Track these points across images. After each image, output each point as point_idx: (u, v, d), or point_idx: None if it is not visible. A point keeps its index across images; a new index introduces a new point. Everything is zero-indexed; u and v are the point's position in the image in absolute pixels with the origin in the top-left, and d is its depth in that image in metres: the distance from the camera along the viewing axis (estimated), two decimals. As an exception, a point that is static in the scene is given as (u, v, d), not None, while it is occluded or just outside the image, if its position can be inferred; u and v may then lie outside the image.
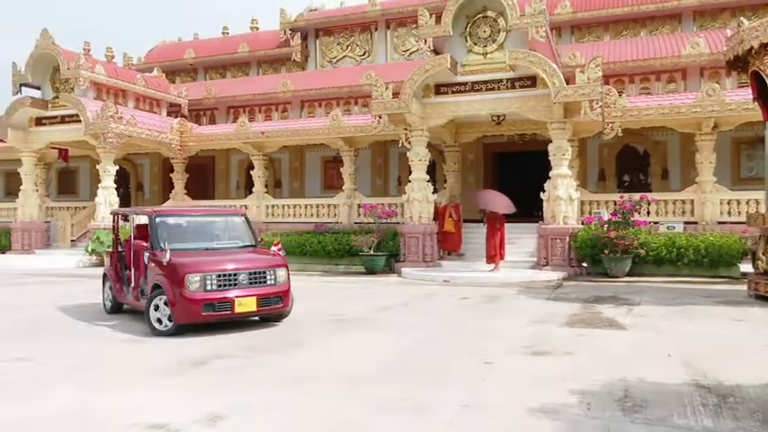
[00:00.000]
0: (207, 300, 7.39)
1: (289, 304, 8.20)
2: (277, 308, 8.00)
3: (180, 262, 7.58)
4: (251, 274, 7.74)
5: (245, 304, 7.58)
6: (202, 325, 7.69)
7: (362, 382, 5.38)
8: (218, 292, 7.49)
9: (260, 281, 7.80)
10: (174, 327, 7.46)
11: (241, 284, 7.63)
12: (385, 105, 15.42)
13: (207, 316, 7.44)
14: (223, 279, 7.54)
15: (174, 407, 4.66)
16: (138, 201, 26.06)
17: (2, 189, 28.21)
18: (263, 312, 7.91)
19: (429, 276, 14.21)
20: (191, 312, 7.37)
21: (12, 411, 4.58)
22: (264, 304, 7.77)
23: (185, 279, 7.37)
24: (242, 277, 7.65)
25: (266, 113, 24.07)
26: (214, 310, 7.44)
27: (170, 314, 7.46)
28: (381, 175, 22.57)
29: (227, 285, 7.56)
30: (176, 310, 7.39)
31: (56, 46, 19.70)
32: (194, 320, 7.46)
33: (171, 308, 7.43)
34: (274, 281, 7.92)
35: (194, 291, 7.37)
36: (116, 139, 18.83)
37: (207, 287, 7.44)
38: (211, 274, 7.49)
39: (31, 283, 13.94)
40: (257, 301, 7.66)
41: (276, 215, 19.72)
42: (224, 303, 7.47)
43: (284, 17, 25.90)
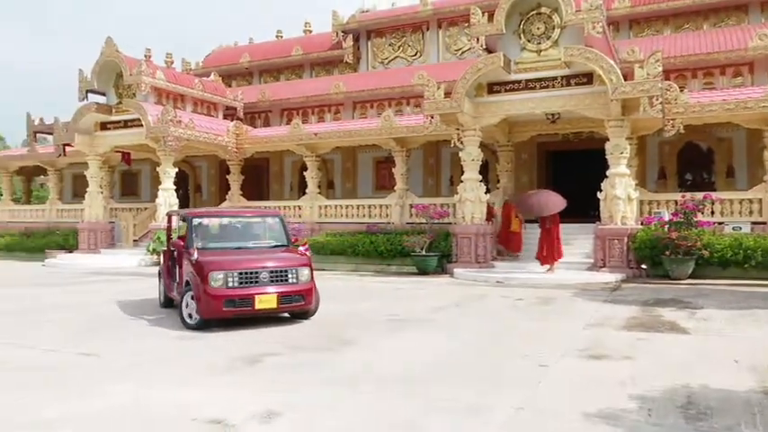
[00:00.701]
0: (228, 296, 7.71)
1: (312, 302, 8.41)
2: (299, 305, 8.22)
3: (205, 260, 7.99)
4: (272, 272, 7.99)
5: (266, 301, 7.83)
6: (240, 321, 7.99)
7: (416, 382, 5.36)
8: (240, 289, 7.78)
9: (281, 279, 8.04)
10: (200, 321, 7.82)
11: (262, 282, 7.89)
12: (437, 105, 15.36)
13: (228, 311, 7.75)
14: (244, 276, 7.83)
15: (230, 403, 4.76)
16: (197, 202, 26.81)
17: (70, 191, 29.53)
18: (283, 310, 8.17)
19: (482, 277, 14.06)
20: (213, 308, 7.71)
21: (78, 405, 4.78)
22: (285, 302, 8.01)
23: (209, 276, 7.74)
24: (263, 275, 7.92)
25: (319, 115, 24.37)
26: (235, 306, 7.74)
27: (196, 309, 7.83)
28: (433, 175, 22.47)
29: (249, 283, 7.84)
30: (200, 305, 7.77)
31: (119, 53, 20.49)
32: (216, 315, 7.78)
33: (196, 303, 7.81)
34: (296, 279, 8.14)
35: (217, 287, 7.71)
36: (175, 142, 19.43)
37: (229, 284, 7.75)
38: (233, 272, 7.80)
39: (96, 282, 14.55)
40: (278, 298, 7.90)
41: (329, 215, 19.92)
42: (245, 300, 7.76)
43: (336, 19, 26.16)
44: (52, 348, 6.84)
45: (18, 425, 4.26)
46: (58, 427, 4.21)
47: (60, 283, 14.24)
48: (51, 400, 4.89)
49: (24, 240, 23.35)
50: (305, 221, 19.73)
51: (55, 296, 11.78)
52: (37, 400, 4.89)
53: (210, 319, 7.83)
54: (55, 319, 8.91)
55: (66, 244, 22.30)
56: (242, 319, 8.16)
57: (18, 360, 6.28)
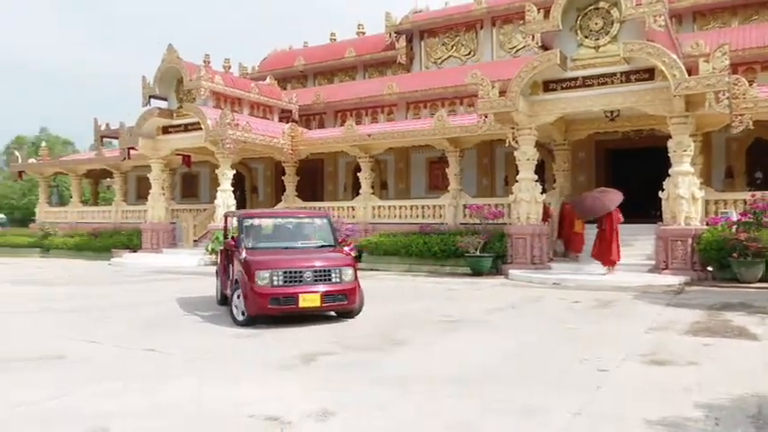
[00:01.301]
0: (273, 294, 7.95)
1: (356, 302, 8.53)
2: (341, 305, 8.39)
3: (253, 259, 8.28)
4: (316, 271, 8.20)
5: (309, 300, 8.03)
6: (289, 319, 8.15)
7: (471, 383, 5.29)
8: (285, 287, 8.02)
9: (325, 278, 8.23)
10: (248, 318, 8.09)
11: (306, 281, 8.11)
12: (491, 104, 15.17)
13: (273, 309, 7.99)
14: (289, 275, 8.07)
15: (285, 401, 4.82)
16: (253, 203, 27.39)
17: (134, 193, 30.69)
18: (327, 308, 8.37)
19: (538, 278, 13.80)
20: (259, 305, 7.96)
21: (139, 399, 4.94)
22: (329, 300, 8.19)
23: (255, 275, 8.01)
24: (307, 274, 8.13)
25: (372, 116, 24.48)
26: (280, 303, 7.98)
27: (244, 306, 8.10)
28: (487, 175, 22.22)
29: (293, 281, 8.07)
30: (248, 303, 8.04)
31: (180, 60, 21.15)
32: (262, 312, 8.03)
33: (244, 300, 8.10)
34: (340, 279, 8.30)
35: (263, 285, 7.98)
36: (233, 144, 19.90)
37: (274, 282, 8.00)
38: (278, 271, 8.04)
39: (158, 280, 15.05)
40: (321, 297, 8.09)
41: (382, 216, 19.97)
42: (289, 298, 7.98)
43: (389, 21, 26.23)
44: (117, 344, 7.11)
45: (83, 416, 4.44)
46: (119, 420, 4.35)
47: (125, 282, 14.80)
48: (115, 393, 5.07)
49: (92, 240, 24.40)
50: (358, 222, 19.84)
51: (120, 294, 12.26)
52: (101, 393, 5.08)
53: (257, 316, 8.07)
54: (120, 316, 9.26)
55: (131, 244, 23.17)
56: (291, 317, 8.29)
57: (86, 355, 6.55)
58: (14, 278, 15.91)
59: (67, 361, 6.25)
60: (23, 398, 4.90)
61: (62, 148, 56.18)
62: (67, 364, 6.11)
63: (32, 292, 12.82)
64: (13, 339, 7.43)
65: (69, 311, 9.77)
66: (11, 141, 64.56)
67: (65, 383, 5.35)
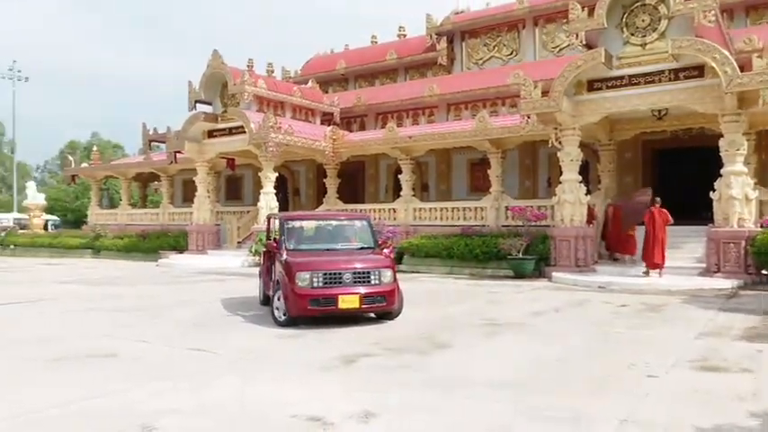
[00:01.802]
0: (313, 295, 8.06)
1: (395, 304, 8.55)
2: (380, 306, 8.42)
3: (293, 261, 8.42)
4: (355, 273, 8.26)
5: (348, 301, 8.09)
6: (330, 320, 8.19)
7: (514, 388, 5.22)
8: (324, 288, 8.12)
9: (364, 280, 8.27)
10: (288, 319, 8.20)
11: (345, 283, 8.16)
12: (534, 105, 14.97)
13: (313, 310, 8.10)
14: (329, 277, 8.16)
15: (327, 401, 4.84)
16: (295, 205, 27.69)
17: (180, 196, 31.43)
18: (365, 310, 8.39)
19: (582, 281, 13.53)
20: (299, 306, 8.08)
21: (189, 398, 5.04)
22: (368, 302, 8.23)
23: (295, 276, 8.13)
24: (346, 276, 8.19)
25: (413, 118, 24.45)
26: (319, 305, 8.07)
27: (284, 307, 8.20)
28: (530, 176, 21.91)
29: (333, 283, 8.15)
30: (288, 304, 8.16)
31: (224, 65, 21.57)
32: (302, 314, 8.14)
33: (285, 301, 8.22)
34: (379, 281, 8.33)
35: (303, 287, 8.09)
36: (275, 147, 20.19)
37: (314, 284, 8.11)
38: (318, 272, 8.15)
39: (203, 281, 15.37)
40: (360, 298, 8.13)
41: (423, 218, 19.92)
42: (328, 299, 8.07)
43: (430, 22, 26.18)
44: (165, 343, 7.28)
45: (132, 414, 4.55)
46: (167, 419, 4.45)
47: (171, 282, 15.17)
48: (163, 392, 5.20)
49: (140, 242, 25.09)
50: (400, 224, 19.84)
51: (167, 294, 12.56)
52: (150, 391, 5.21)
53: (297, 316, 8.18)
54: (167, 316, 9.49)
55: (177, 245, 23.73)
56: (332, 319, 8.32)
57: (135, 353, 6.73)
58: (68, 278, 16.49)
59: (118, 359, 6.44)
60: (76, 395, 5.06)
61: (113, 152, 58.08)
62: (118, 363, 6.29)
63: (85, 291, 13.27)
64: (68, 337, 7.69)
65: (119, 311, 10.07)
66: (64, 146, 67.11)
67: (115, 381, 5.50)
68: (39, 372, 5.94)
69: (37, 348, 6.99)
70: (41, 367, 6.10)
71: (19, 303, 11.25)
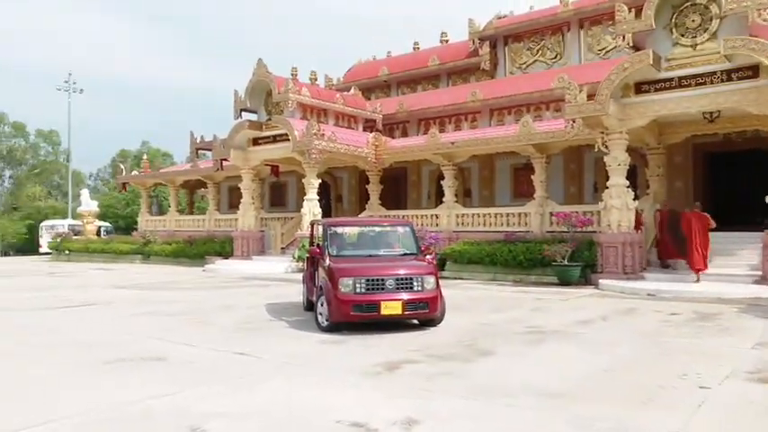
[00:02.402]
0: (356, 301, 8.08)
1: (437, 310, 8.50)
2: (423, 313, 8.39)
3: (336, 267, 8.44)
4: (398, 279, 8.24)
5: (391, 307, 8.07)
6: (371, 326, 8.17)
7: (560, 398, 5.12)
8: (367, 294, 8.13)
9: (407, 286, 8.24)
10: (331, 324, 8.25)
11: (388, 289, 8.16)
12: (579, 108, 14.71)
13: (355, 316, 8.12)
14: (371, 283, 8.17)
15: (371, 408, 4.85)
16: (338, 211, 27.89)
17: (226, 202, 32.07)
18: (408, 316, 8.36)
19: (630, 289, 13.19)
20: (342, 312, 8.11)
21: (235, 402, 5.13)
22: (410, 309, 8.19)
23: (338, 282, 8.16)
24: (389, 282, 8.19)
25: (456, 124, 24.35)
26: (362, 311, 8.10)
27: (327, 312, 8.26)
28: (575, 181, 21.52)
29: (375, 289, 8.16)
30: (331, 309, 8.20)
31: (269, 74, 21.95)
32: (345, 319, 8.16)
33: (327, 307, 8.27)
34: (421, 287, 8.29)
35: (346, 293, 8.11)
36: (319, 154, 20.40)
37: (357, 290, 8.13)
38: (361, 278, 8.16)
39: (248, 286, 15.62)
40: (403, 305, 8.11)
41: (466, 224, 19.78)
42: (371, 305, 8.08)
43: (473, 27, 26.06)
44: (212, 347, 7.43)
45: (180, 416, 4.66)
46: (214, 422, 4.53)
47: (217, 287, 15.47)
48: (210, 395, 5.30)
49: (187, 247, 25.70)
50: (442, 230, 19.76)
51: (213, 299, 12.81)
52: (198, 394, 5.32)
53: (340, 322, 8.20)
54: (214, 321, 9.68)
55: (223, 251, 24.21)
56: (375, 325, 8.33)
57: (183, 357, 6.88)
58: (119, 283, 17.02)
59: (167, 363, 6.60)
60: (127, 396, 5.21)
61: (162, 160, 59.71)
62: (167, 366, 6.45)
63: (135, 296, 13.66)
64: (120, 341, 7.93)
65: (168, 315, 10.32)
66: (116, 155, 69.38)
67: (164, 384, 5.64)
68: (96, 374, 6.14)
69: (93, 351, 7.23)
70: (98, 369, 6.30)
71: (75, 307, 11.68)
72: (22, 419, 4.58)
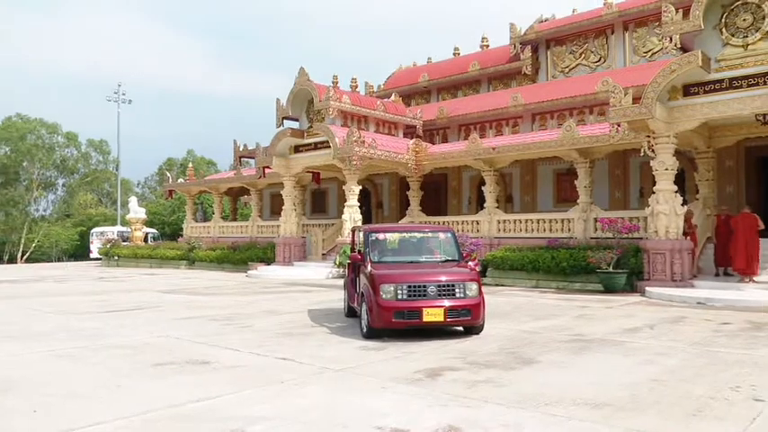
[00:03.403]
0: (397, 308, 8.00)
1: (480, 317, 8.36)
2: (465, 320, 8.25)
3: (378, 273, 8.37)
4: (440, 286, 8.15)
5: (433, 314, 7.96)
6: (412, 333, 8.15)
7: (605, 407, 4.98)
8: (408, 301, 8.04)
9: (449, 293, 8.13)
10: (372, 331, 8.22)
11: (430, 295, 8.06)
12: (624, 112, 14.39)
13: (397, 323, 8.03)
14: (413, 290, 8.08)
15: (412, 414, 4.81)
16: (378, 217, 27.97)
17: (268, 209, 32.55)
18: (450, 323, 8.22)
19: (679, 297, 12.79)
20: (383, 319, 8.02)
21: (277, 406, 5.17)
22: (452, 316, 8.08)
23: (380, 288, 8.09)
24: (431, 289, 8.09)
25: (497, 129, 24.16)
26: (404, 317, 8.00)
27: (368, 319, 8.23)
28: (620, 186, 21.05)
29: (417, 296, 8.07)
30: (372, 316, 8.13)
31: (310, 82, 22.22)
32: (386, 326, 8.08)
33: (368, 313, 8.23)
34: (464, 294, 8.17)
35: (387, 299, 8.04)
36: (359, 161, 20.51)
37: (398, 296, 8.04)
38: (402, 285, 8.08)
39: (289, 292, 15.78)
40: (445, 311, 7.99)
41: (507, 230, 19.57)
42: (413, 312, 7.98)
43: (514, 32, 25.86)
44: (254, 352, 7.52)
45: (222, 419, 4.72)
46: (256, 425, 4.58)
47: (260, 293, 15.68)
48: (252, 399, 5.36)
49: (231, 253, 26.16)
50: (483, 236, 19.59)
51: (256, 304, 12.99)
52: (240, 398, 5.38)
53: (381, 329, 8.15)
54: (256, 325, 9.81)
55: (265, 257, 24.56)
56: (416, 332, 8.30)
57: (227, 361, 6.99)
58: (165, 288, 17.43)
59: (211, 366, 6.71)
60: (172, 399, 5.31)
61: (206, 168, 61.05)
62: (211, 370, 6.56)
63: (181, 300, 13.97)
64: (168, 345, 8.11)
65: (212, 320, 10.51)
66: (163, 163, 71.28)
67: (207, 387, 5.73)
68: (145, 376, 6.29)
69: (143, 354, 7.43)
70: (147, 372, 6.45)
71: (125, 311, 12.02)
72: (74, 420, 4.72)
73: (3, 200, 54.45)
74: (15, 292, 16.46)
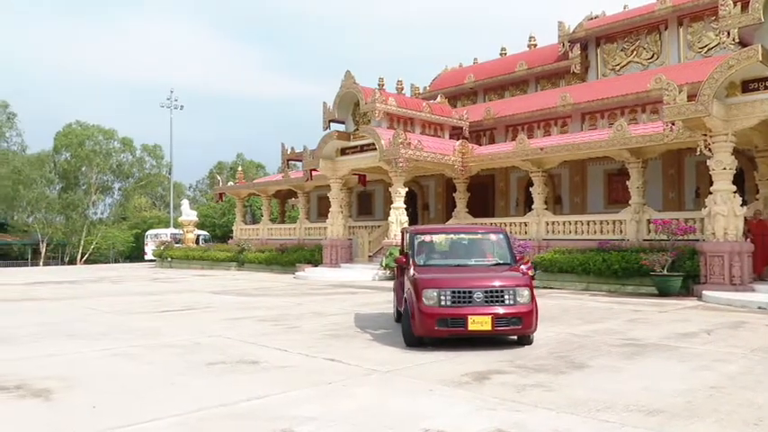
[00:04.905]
0: (441, 315, 7.49)
1: (532, 326, 7.73)
2: (515, 329, 7.63)
3: (421, 277, 7.91)
4: (487, 292, 7.57)
5: (479, 322, 7.44)
6: (459, 339, 7.78)
7: (664, 415, 4.82)
8: (452, 308, 7.51)
9: (497, 300, 7.56)
10: (414, 338, 7.76)
11: (476, 302, 7.52)
12: (678, 110, 13.94)
13: (440, 331, 7.54)
14: (458, 295, 7.54)
15: (459, 418, 4.78)
16: (424, 219, 27.90)
17: (315, 211, 32.91)
18: (498, 332, 7.65)
19: (738, 301, 12.30)
20: (426, 326, 7.55)
21: (325, 407, 5.21)
22: (501, 324, 7.50)
23: (422, 293, 7.61)
24: (477, 295, 7.54)
25: (545, 129, 23.78)
26: (447, 325, 7.50)
27: (410, 326, 7.79)
28: (674, 187, 20.39)
29: (462, 302, 7.53)
30: (414, 323, 7.66)
31: (356, 85, 22.38)
32: (429, 334, 7.63)
33: (411, 320, 7.76)
34: (513, 301, 7.59)
35: (430, 305, 7.53)
36: (405, 163, 20.52)
37: (441, 302, 7.52)
38: (446, 290, 7.56)
39: (336, 293, 15.91)
40: (492, 320, 7.44)
41: (556, 232, 19.23)
42: (457, 320, 7.47)
43: (563, 30, 25.40)
44: (302, 352, 7.60)
45: (272, 418, 4.79)
46: (305, 425, 4.63)
47: (307, 294, 15.87)
48: (300, 399, 5.42)
49: (279, 255, 26.57)
50: (531, 238, 19.30)
51: (303, 306, 13.15)
52: (289, 398, 5.45)
53: (424, 337, 7.73)
54: (304, 326, 9.92)
55: (312, 258, 24.83)
56: (459, 339, 7.98)
57: (276, 361, 7.09)
58: (216, 289, 17.83)
59: (261, 366, 6.82)
60: (224, 398, 5.42)
61: (255, 171, 62.27)
62: (261, 369, 6.67)
63: (231, 301, 14.26)
64: (219, 344, 8.29)
65: (261, 320, 10.69)
66: (213, 167, 73.03)
67: (257, 386, 5.83)
68: (199, 374, 6.44)
69: (196, 353, 7.62)
70: (201, 371, 6.61)
71: (178, 311, 12.36)
72: (131, 416, 4.88)
73: (63, 203, 56.82)
74: (75, 293, 17.14)
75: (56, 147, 58.99)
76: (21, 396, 5.52)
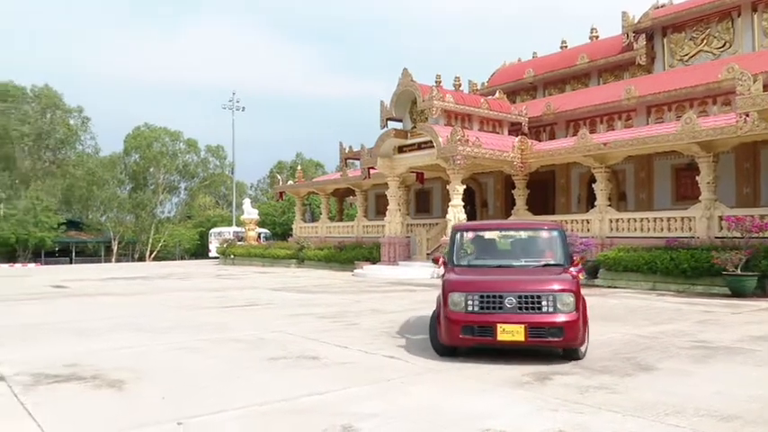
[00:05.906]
0: (466, 322, 6.68)
1: (577, 339, 6.64)
2: (554, 341, 6.61)
3: (450, 278, 7.16)
4: (521, 297, 6.59)
5: (510, 332, 6.51)
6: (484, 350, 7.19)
7: (739, 422, 4.59)
8: (480, 314, 6.66)
9: (533, 306, 6.57)
10: (443, 347, 7.04)
11: (507, 308, 6.59)
12: (753, 101, 13.28)
13: (465, 339, 6.77)
14: (486, 300, 6.66)
15: (519, 418, 4.71)
16: (483, 217, 27.59)
17: (373, 209, 33.10)
18: (533, 344, 6.72)
19: (820, 303, 11.60)
20: (451, 333, 6.81)
21: (384, 403, 5.24)
22: (536, 335, 6.53)
23: (448, 297, 6.83)
24: (508, 300, 6.59)
25: (608, 123, 23.10)
26: (473, 334, 6.68)
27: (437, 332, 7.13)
28: (749, 182, 19.39)
29: (491, 308, 6.64)
30: (441, 329, 6.96)
31: (414, 82, 22.35)
32: (453, 343, 6.90)
33: (438, 325, 7.08)
34: (553, 308, 6.55)
35: (456, 311, 6.75)
36: (463, 160, 20.35)
37: (468, 308, 6.70)
38: (473, 294, 6.72)
39: (394, 291, 15.97)
40: (525, 329, 6.49)
41: (620, 229, 18.65)
42: (485, 328, 6.62)
43: (627, 20, 24.61)
44: (361, 349, 7.67)
45: (332, 414, 4.85)
46: (364, 421, 4.66)
47: (366, 291, 15.99)
48: (360, 395, 5.47)
49: (338, 253, 26.88)
50: (593, 236, 18.79)
51: (362, 303, 13.26)
52: (349, 393, 5.52)
53: (450, 346, 6.98)
54: (363, 323, 10.01)
55: (371, 256, 24.99)
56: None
57: (336, 357, 7.18)
58: (277, 286, 18.22)
59: (321, 362, 6.92)
60: (285, 392, 5.54)
61: (314, 170, 63.23)
62: (322, 365, 6.76)
63: (291, 298, 14.54)
64: (281, 340, 8.47)
65: (321, 317, 10.85)
66: (274, 166, 74.60)
67: (318, 382, 5.92)
68: (262, 369, 6.61)
69: (259, 348, 7.81)
70: (264, 365, 6.78)
71: (241, 307, 12.72)
72: (198, 407, 5.05)
73: (133, 203, 59.44)
74: (146, 289, 17.88)
75: (126, 149, 61.78)
76: (97, 386, 5.81)
